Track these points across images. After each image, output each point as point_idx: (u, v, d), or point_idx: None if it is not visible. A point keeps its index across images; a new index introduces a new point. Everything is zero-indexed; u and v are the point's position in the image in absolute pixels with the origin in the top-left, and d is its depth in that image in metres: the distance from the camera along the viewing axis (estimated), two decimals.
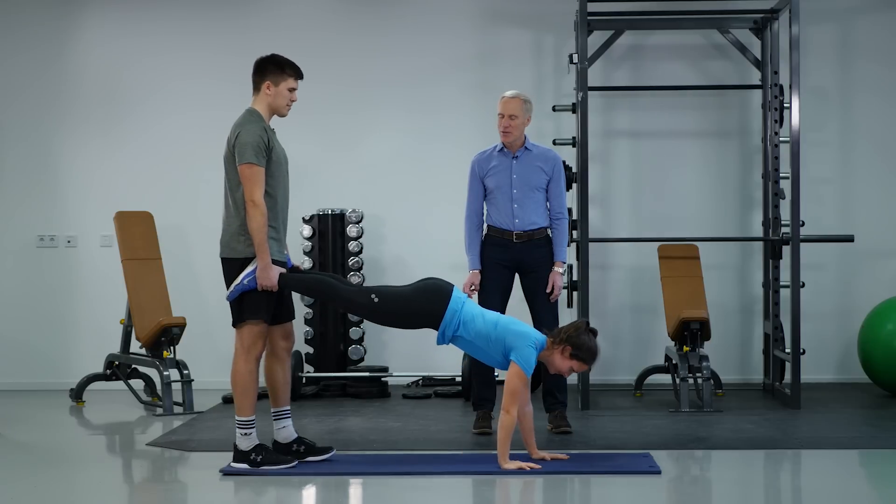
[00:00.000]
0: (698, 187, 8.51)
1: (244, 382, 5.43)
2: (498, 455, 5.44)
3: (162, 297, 7.77)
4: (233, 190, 5.45)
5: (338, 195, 8.33)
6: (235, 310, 5.47)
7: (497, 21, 8.56)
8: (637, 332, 8.51)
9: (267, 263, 5.35)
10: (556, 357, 5.46)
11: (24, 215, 8.60)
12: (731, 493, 5.28)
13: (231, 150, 5.43)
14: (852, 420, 6.95)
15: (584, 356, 5.45)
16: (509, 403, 5.38)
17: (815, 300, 8.24)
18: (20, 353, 8.55)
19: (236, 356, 5.45)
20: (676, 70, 8.48)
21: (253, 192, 5.34)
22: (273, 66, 5.53)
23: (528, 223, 6.41)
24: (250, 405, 5.45)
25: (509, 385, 5.39)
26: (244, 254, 5.41)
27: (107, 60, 8.61)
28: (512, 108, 6.36)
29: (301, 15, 8.57)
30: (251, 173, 5.35)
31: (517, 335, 5.42)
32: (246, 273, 5.39)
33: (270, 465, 5.44)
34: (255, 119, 5.47)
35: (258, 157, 5.36)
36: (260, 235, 5.33)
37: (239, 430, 5.46)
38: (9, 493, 5.16)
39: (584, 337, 5.43)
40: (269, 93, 5.51)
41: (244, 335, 5.44)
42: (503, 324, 5.46)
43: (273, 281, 5.38)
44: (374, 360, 8.35)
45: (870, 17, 8.49)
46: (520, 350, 5.38)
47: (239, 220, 5.41)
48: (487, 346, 5.45)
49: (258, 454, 5.45)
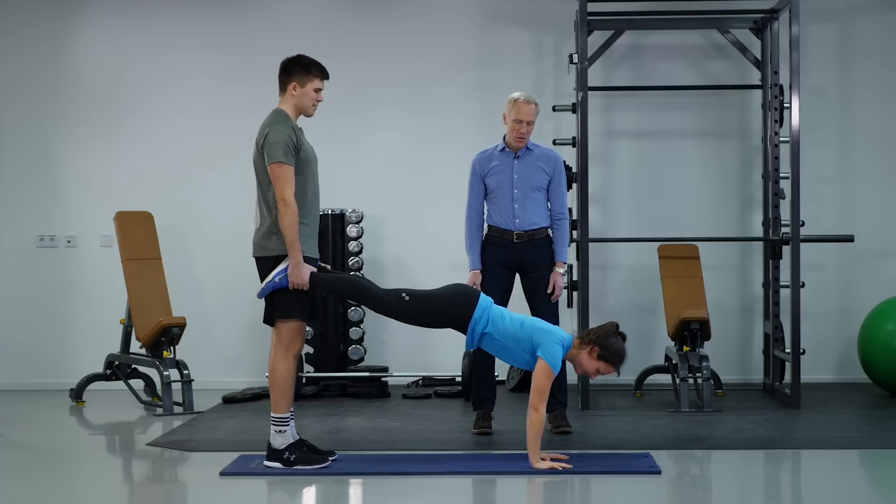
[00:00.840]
0: (698, 187, 8.51)
1: (282, 380, 5.46)
2: (529, 454, 5.44)
3: (162, 297, 7.77)
4: (264, 190, 5.47)
5: (338, 195, 8.33)
6: (267, 308, 5.50)
7: (497, 21, 8.56)
8: (637, 332, 8.48)
9: (298, 261, 5.38)
10: (584, 357, 5.49)
11: (24, 215, 8.60)
12: (731, 493, 5.28)
13: (260, 151, 5.47)
14: (852, 420, 6.95)
15: (613, 358, 5.48)
16: (538, 401, 5.39)
17: (815, 300, 8.24)
18: (20, 353, 8.55)
19: (275, 354, 5.48)
20: (676, 70, 8.49)
21: (284, 190, 5.37)
22: (299, 67, 5.55)
23: (528, 223, 6.41)
24: (287, 402, 5.48)
25: (537, 382, 5.40)
26: (276, 252, 5.44)
27: (107, 60, 8.61)
28: (531, 115, 6.37)
29: (301, 15, 8.58)
30: (281, 172, 5.38)
31: (544, 332, 5.47)
32: (278, 271, 5.42)
33: (304, 465, 5.46)
34: (283, 119, 5.49)
35: (287, 157, 5.39)
36: (291, 233, 5.36)
37: (273, 427, 5.48)
38: (9, 493, 5.16)
39: (613, 339, 5.47)
40: (296, 93, 5.54)
41: (281, 333, 5.47)
42: (529, 322, 5.53)
43: (304, 279, 5.40)
44: (374, 360, 8.35)
45: (870, 17, 8.49)
46: (547, 347, 5.41)
47: (271, 219, 5.44)
48: (515, 344, 5.48)
49: (292, 453, 5.47)
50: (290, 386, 5.49)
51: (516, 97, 6.41)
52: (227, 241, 8.39)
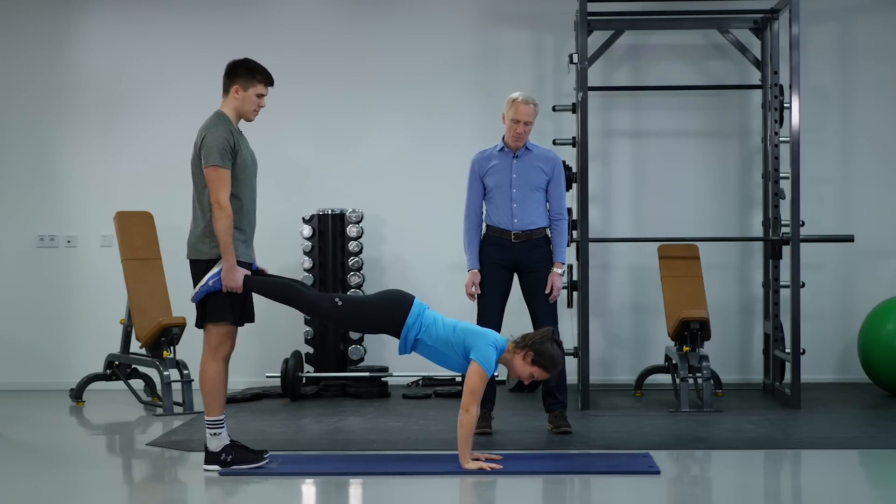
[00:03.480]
0: (698, 187, 8.51)
1: (212, 383, 5.46)
2: (459, 455, 5.46)
3: (162, 297, 7.77)
4: (199, 192, 5.47)
5: (338, 195, 8.33)
6: (199, 311, 5.51)
7: (497, 21, 8.56)
8: (637, 332, 8.52)
9: (232, 265, 5.37)
10: (517, 361, 5.50)
11: (24, 215, 8.60)
12: (731, 493, 5.28)
13: (197, 153, 5.47)
14: (852, 420, 6.95)
15: (546, 363, 5.48)
16: (469, 402, 5.41)
17: (815, 300, 8.24)
18: (20, 353, 8.55)
19: (204, 357, 5.50)
20: (676, 70, 8.49)
21: (218, 194, 5.37)
22: (243, 71, 5.55)
23: (527, 223, 6.41)
24: (219, 405, 5.48)
25: (469, 383, 5.42)
26: (210, 255, 5.43)
27: (107, 60, 8.61)
28: (528, 115, 6.37)
29: (301, 15, 8.57)
30: (216, 175, 5.38)
31: (476, 335, 5.48)
32: (211, 274, 5.42)
33: (241, 465, 5.46)
34: (222, 122, 5.50)
35: (223, 160, 5.39)
36: (225, 237, 5.35)
37: (209, 431, 5.48)
38: (9, 493, 5.16)
39: (547, 345, 5.48)
40: (237, 97, 5.54)
41: (211, 336, 5.49)
42: (462, 327, 5.52)
43: (238, 283, 5.40)
44: (374, 360, 8.35)
45: (870, 17, 8.49)
46: (479, 349, 5.42)
47: (205, 222, 5.44)
48: (448, 349, 5.48)
49: (228, 454, 5.47)
50: (222, 388, 5.48)
51: (515, 97, 6.41)
52: None
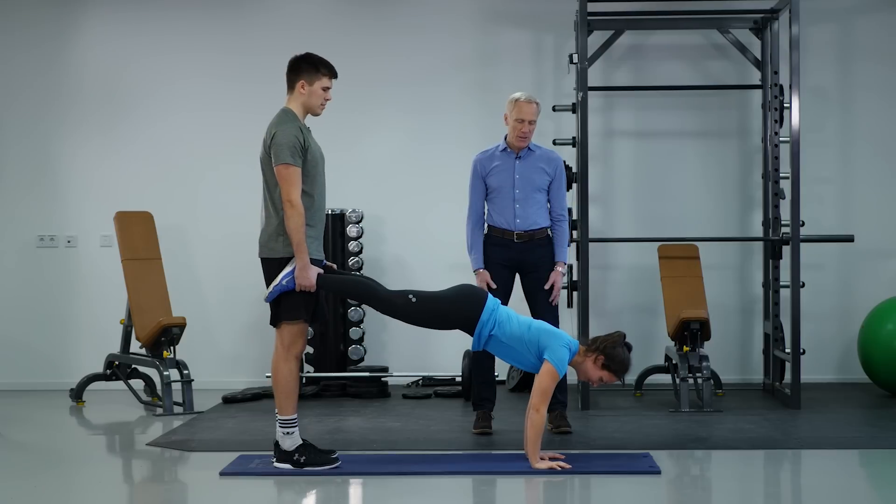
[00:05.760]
0: (698, 187, 8.51)
1: (286, 382, 5.45)
2: (529, 454, 5.45)
3: (162, 297, 7.77)
4: (271, 190, 5.45)
5: (338, 195, 8.31)
6: (274, 310, 5.48)
7: (497, 21, 8.56)
8: (637, 332, 8.47)
9: (305, 263, 5.35)
10: (588, 365, 5.51)
11: (24, 215, 8.60)
12: (731, 493, 5.29)
13: (267, 152, 5.44)
14: (852, 420, 6.95)
15: (617, 368, 5.50)
16: (540, 402, 5.40)
17: (815, 300, 8.24)
18: (20, 353, 8.55)
19: (277, 356, 5.47)
20: (676, 70, 8.48)
21: (290, 192, 5.34)
22: (307, 65, 5.52)
23: (529, 223, 6.42)
24: (292, 404, 5.46)
25: (541, 384, 5.41)
26: (282, 254, 5.42)
27: (107, 60, 8.61)
28: (532, 114, 6.38)
29: (301, 15, 8.57)
30: (288, 174, 5.35)
31: (551, 335, 5.49)
32: (284, 273, 5.39)
33: (314, 466, 5.45)
34: (290, 119, 5.47)
35: (294, 158, 5.36)
36: (298, 235, 5.33)
37: (281, 430, 5.47)
38: (9, 493, 5.16)
39: (619, 350, 5.50)
40: (304, 92, 5.51)
41: (284, 335, 5.46)
42: (536, 325, 5.54)
43: (312, 281, 5.38)
44: (374, 360, 8.35)
45: (870, 17, 8.49)
46: (554, 350, 5.43)
47: (277, 220, 5.42)
48: (521, 346, 5.49)
49: (301, 454, 5.46)
50: (295, 387, 5.47)
51: (517, 97, 6.41)
52: (228, 241, 8.39)
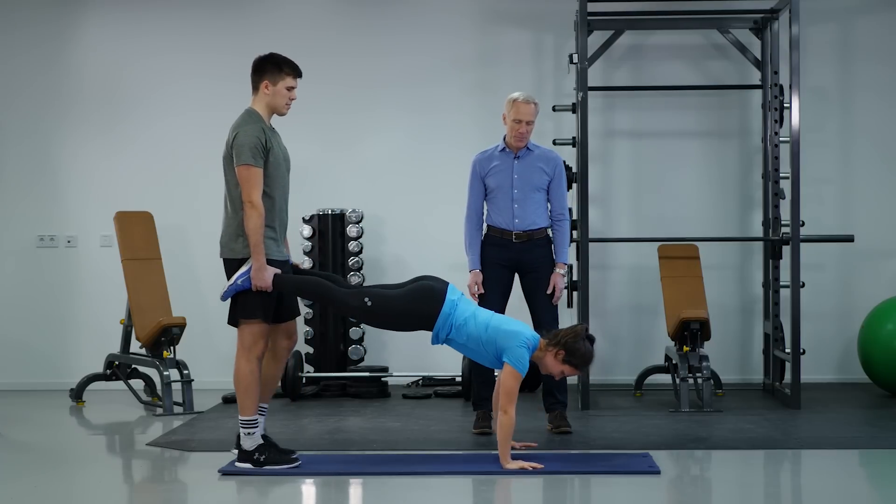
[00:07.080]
0: (698, 187, 8.51)
1: (246, 382, 5.45)
2: (500, 455, 5.46)
3: (162, 297, 7.77)
4: (231, 191, 5.46)
5: (338, 195, 8.33)
6: (231, 309, 5.50)
7: (497, 21, 8.56)
8: (637, 332, 8.51)
9: (262, 264, 5.35)
10: (549, 359, 5.49)
11: (24, 215, 8.60)
12: (731, 493, 5.28)
13: (229, 151, 5.44)
14: (852, 420, 6.95)
15: (577, 362, 5.48)
16: (507, 403, 5.40)
17: (815, 300, 8.23)
18: (20, 353, 8.55)
19: (238, 356, 5.47)
20: (676, 70, 8.48)
21: (250, 193, 5.34)
22: (271, 65, 5.52)
23: (528, 223, 6.41)
24: (253, 405, 5.46)
25: (504, 385, 5.42)
26: (243, 254, 5.42)
27: (107, 60, 8.61)
28: (530, 115, 6.37)
29: (301, 15, 8.57)
30: (248, 174, 5.35)
31: (508, 335, 5.44)
32: (240, 273, 5.40)
33: (274, 465, 5.45)
34: (254, 119, 5.47)
35: (255, 158, 5.36)
36: (255, 236, 5.33)
37: (242, 430, 5.48)
38: (9, 493, 5.16)
39: (580, 343, 5.46)
40: (268, 92, 5.51)
41: (244, 335, 5.46)
42: (494, 324, 5.48)
43: (267, 282, 5.37)
44: (374, 360, 8.35)
45: (870, 17, 8.49)
46: (511, 351, 5.41)
47: (237, 221, 5.42)
48: (479, 347, 5.48)
49: (261, 453, 5.46)
50: (255, 388, 5.46)
51: (515, 97, 6.41)
52: None
